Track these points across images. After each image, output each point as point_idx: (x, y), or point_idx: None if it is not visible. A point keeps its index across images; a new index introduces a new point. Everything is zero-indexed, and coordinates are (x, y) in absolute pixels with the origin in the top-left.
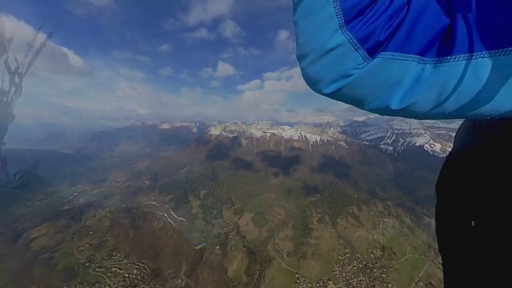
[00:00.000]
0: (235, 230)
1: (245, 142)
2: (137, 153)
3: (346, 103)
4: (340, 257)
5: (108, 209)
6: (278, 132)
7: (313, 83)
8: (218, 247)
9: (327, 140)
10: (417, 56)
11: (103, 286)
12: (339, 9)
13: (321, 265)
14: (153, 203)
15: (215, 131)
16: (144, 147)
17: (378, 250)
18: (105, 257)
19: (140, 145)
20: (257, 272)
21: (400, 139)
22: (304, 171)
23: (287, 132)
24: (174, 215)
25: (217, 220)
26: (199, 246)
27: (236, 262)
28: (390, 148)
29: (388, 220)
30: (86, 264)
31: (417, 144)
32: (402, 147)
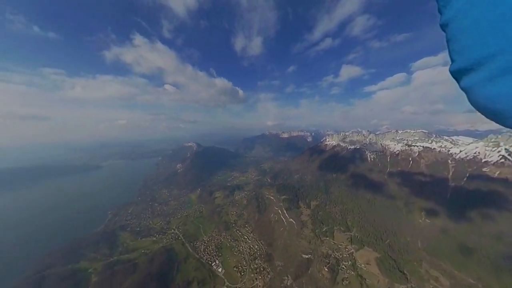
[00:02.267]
0: (350, 262)
1: (371, 156)
2: (264, 155)
3: None
4: None
5: (246, 193)
6: (441, 147)
7: (498, 112)
8: (326, 269)
9: None
10: None
11: (238, 244)
12: None
13: None
14: (272, 198)
15: (331, 141)
16: (268, 151)
17: None
18: (241, 225)
19: (266, 149)
20: None
21: None
22: None
23: (467, 148)
24: (286, 215)
25: (327, 238)
26: (306, 257)
27: None
28: None
29: None
30: (233, 225)
31: None
32: None
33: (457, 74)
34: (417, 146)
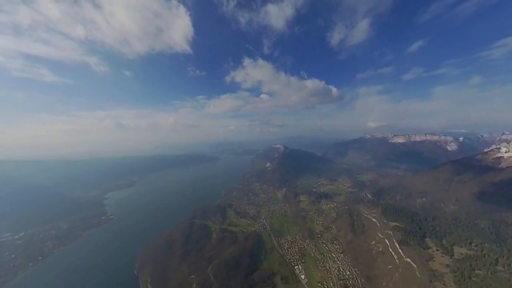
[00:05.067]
0: None
1: None
2: (361, 164)
3: None
4: None
5: (335, 204)
6: None
7: None
8: None
9: None
10: None
11: (324, 261)
12: None
13: None
14: (374, 220)
15: None
16: (369, 160)
17: None
18: (329, 240)
19: (365, 157)
20: None
21: None
22: None
23: None
24: (399, 249)
25: None
26: None
27: None
28: None
29: None
30: (319, 236)
31: None
32: None
33: None
34: None
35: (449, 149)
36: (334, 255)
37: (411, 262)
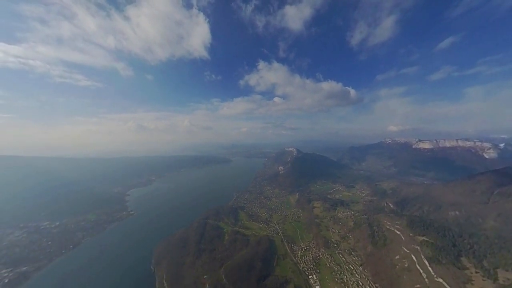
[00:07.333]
0: None
1: None
2: (382, 171)
3: None
4: None
5: (352, 212)
6: None
7: None
8: None
9: None
10: None
11: (341, 273)
12: None
13: None
14: (398, 232)
15: None
16: (389, 166)
17: None
18: (346, 251)
19: (386, 163)
20: None
21: None
22: None
23: None
24: (429, 267)
25: None
26: None
27: None
28: None
29: None
30: (335, 245)
31: None
32: None
33: None
34: None
35: (486, 156)
36: (352, 267)
37: (444, 283)
